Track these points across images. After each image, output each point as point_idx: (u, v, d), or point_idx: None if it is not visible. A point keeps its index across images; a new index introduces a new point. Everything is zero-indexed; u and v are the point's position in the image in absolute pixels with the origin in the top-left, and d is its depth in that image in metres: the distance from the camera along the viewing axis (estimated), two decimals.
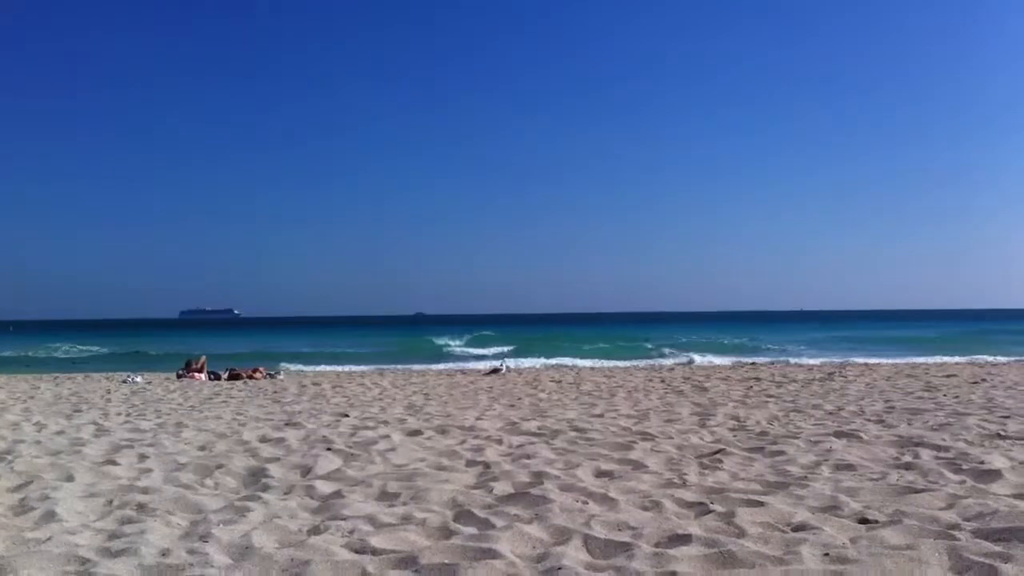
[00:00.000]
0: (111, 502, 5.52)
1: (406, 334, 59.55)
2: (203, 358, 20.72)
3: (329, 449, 7.48)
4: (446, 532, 4.65)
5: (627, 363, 26.04)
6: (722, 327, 67.60)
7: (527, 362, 26.79)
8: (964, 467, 6.10)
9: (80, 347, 44.58)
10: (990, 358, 24.93)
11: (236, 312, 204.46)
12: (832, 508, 4.96)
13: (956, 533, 4.31)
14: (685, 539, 4.32)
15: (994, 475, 5.78)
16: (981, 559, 3.85)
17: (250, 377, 18.98)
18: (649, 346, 37.35)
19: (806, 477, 5.93)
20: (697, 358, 27.42)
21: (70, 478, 6.30)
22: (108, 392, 15.34)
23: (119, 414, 11.25)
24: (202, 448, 7.82)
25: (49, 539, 4.55)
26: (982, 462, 6.28)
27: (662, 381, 16.38)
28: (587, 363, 26.56)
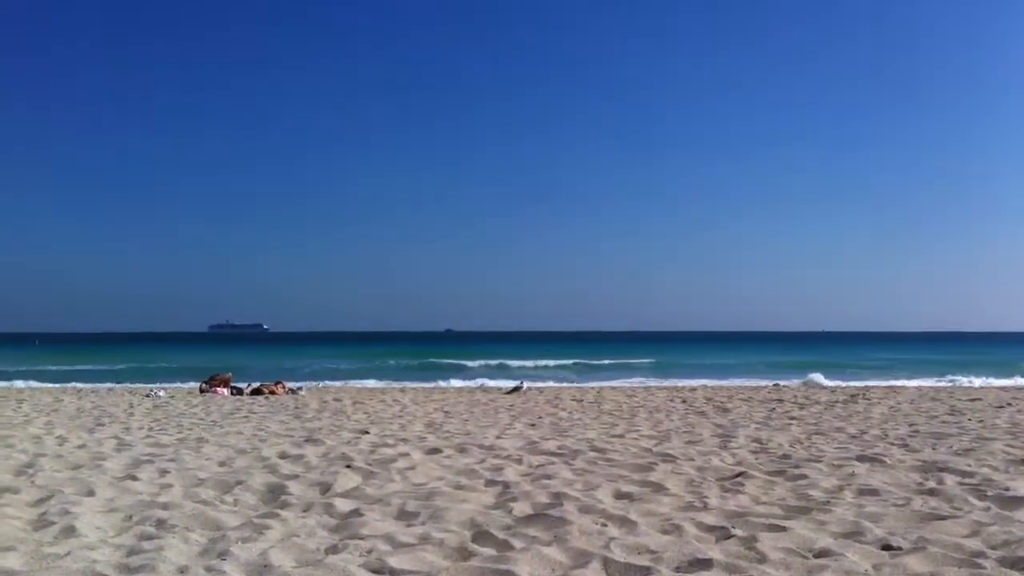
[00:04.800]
0: (131, 517, 5.54)
1: (433, 350, 59.58)
2: (228, 374, 20.87)
3: (348, 467, 7.48)
4: (464, 553, 4.63)
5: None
6: (744, 348, 67.27)
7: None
8: (989, 493, 6.02)
9: (108, 361, 44.86)
10: (1017, 381, 24.63)
11: (265, 327, 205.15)
12: (855, 534, 4.91)
13: (981, 561, 4.25)
14: (706, 564, 4.29)
15: (1020, 502, 5.69)
16: None
17: (271, 392, 19.03)
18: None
19: (829, 502, 5.86)
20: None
21: (90, 493, 6.33)
22: (131, 406, 15.43)
23: (141, 428, 11.31)
24: (222, 464, 7.84)
25: (68, 554, 4.57)
26: (1007, 488, 6.20)
27: (683, 401, 16.30)
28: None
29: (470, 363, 42.89)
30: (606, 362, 43.36)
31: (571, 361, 44.47)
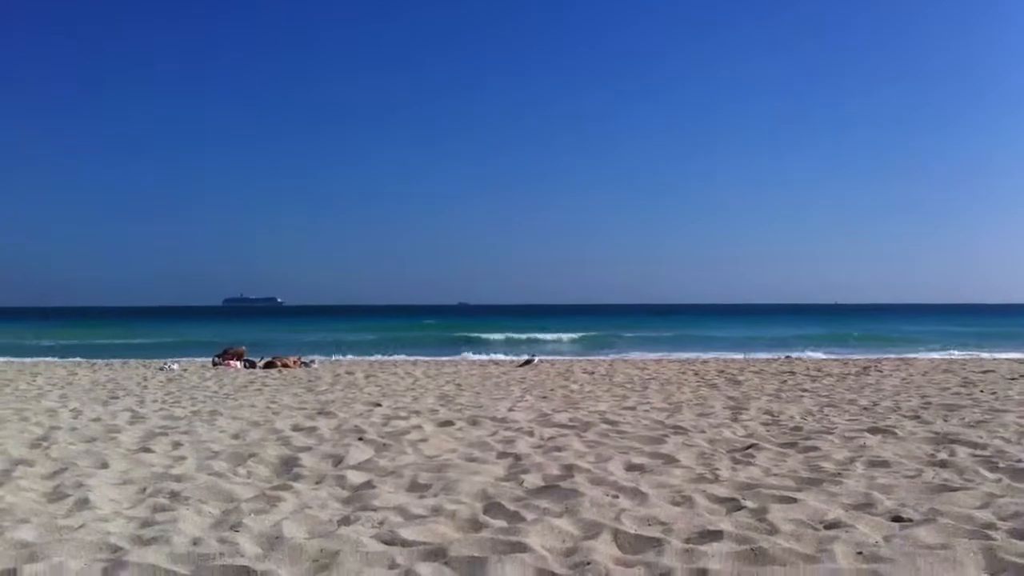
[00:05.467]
0: (144, 490, 5.58)
1: (445, 323, 59.69)
2: (242, 348, 20.93)
3: (361, 439, 7.51)
4: (476, 524, 4.65)
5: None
6: (755, 321, 67.20)
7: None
8: (1001, 465, 6.00)
9: (123, 335, 45.08)
10: None
11: (279, 300, 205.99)
12: (866, 506, 4.91)
13: (992, 533, 4.24)
14: (716, 535, 4.29)
15: None
16: (1017, 559, 3.79)
17: (284, 366, 19.09)
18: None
19: (840, 474, 5.86)
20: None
21: (104, 465, 6.38)
22: (145, 379, 15.52)
23: (155, 401, 11.38)
24: (235, 436, 7.89)
25: (82, 526, 4.61)
26: (1019, 460, 6.18)
27: (695, 374, 16.28)
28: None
29: (482, 336, 42.91)
30: (618, 335, 43.34)
31: (583, 334, 44.47)
